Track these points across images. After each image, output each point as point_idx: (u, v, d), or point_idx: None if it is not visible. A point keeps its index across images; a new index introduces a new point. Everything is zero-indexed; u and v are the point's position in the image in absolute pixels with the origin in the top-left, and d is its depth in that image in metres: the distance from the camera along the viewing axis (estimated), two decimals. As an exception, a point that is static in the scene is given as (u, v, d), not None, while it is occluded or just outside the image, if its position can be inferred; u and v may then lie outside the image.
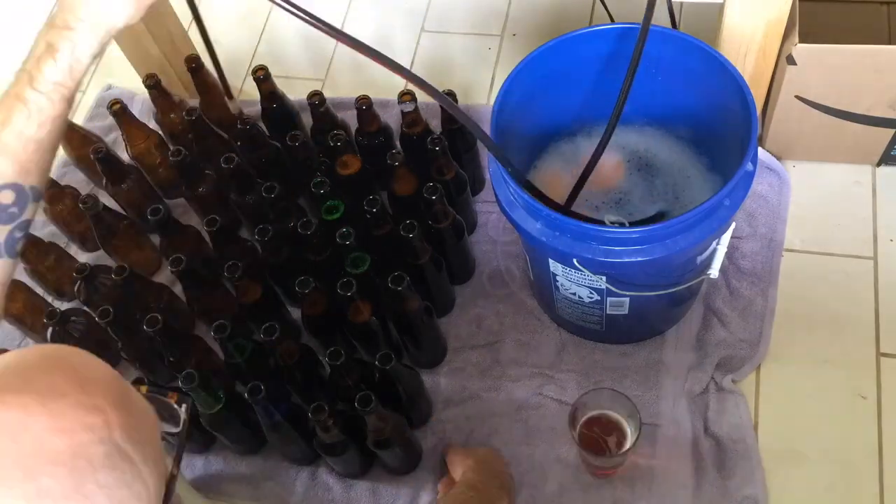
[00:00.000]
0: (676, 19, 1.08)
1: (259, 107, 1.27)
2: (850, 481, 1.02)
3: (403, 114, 1.15)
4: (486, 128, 0.88)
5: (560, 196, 0.95)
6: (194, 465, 1.13)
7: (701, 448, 1.04)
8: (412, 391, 1.05)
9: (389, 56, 0.74)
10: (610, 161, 1.06)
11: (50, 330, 1.13)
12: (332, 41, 1.50)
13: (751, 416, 1.06)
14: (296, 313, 1.16)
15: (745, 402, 1.07)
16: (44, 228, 1.36)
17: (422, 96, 1.19)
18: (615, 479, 1.04)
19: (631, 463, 1.04)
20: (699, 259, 0.94)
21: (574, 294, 1.00)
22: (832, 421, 1.05)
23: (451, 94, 1.13)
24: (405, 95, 1.13)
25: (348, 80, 1.46)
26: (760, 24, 1.02)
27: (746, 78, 0.89)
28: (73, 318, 1.14)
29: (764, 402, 1.08)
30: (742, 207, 0.94)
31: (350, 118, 1.24)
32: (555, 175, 1.01)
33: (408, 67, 1.46)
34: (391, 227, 1.08)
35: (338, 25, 1.53)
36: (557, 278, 0.98)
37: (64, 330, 1.12)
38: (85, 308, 1.17)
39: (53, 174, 1.42)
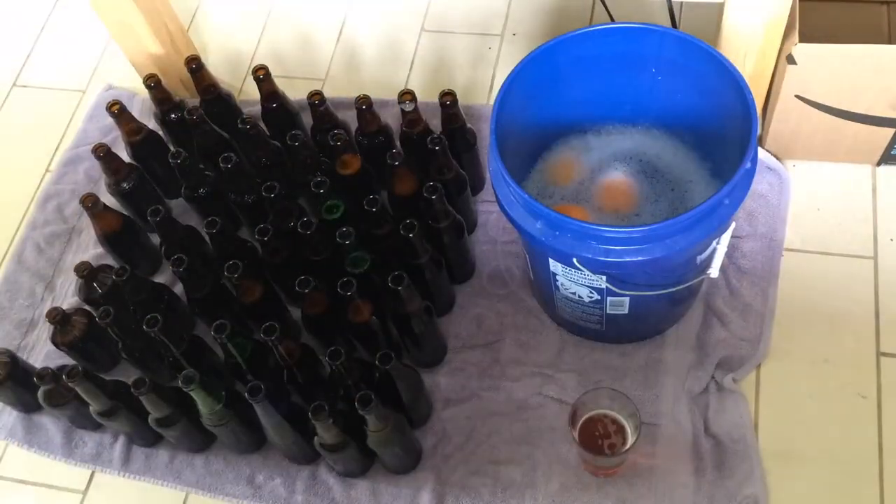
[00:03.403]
0: (676, 19, 1.08)
1: (259, 107, 1.27)
2: (850, 481, 1.02)
3: (403, 113, 1.15)
4: (486, 127, 0.88)
5: (572, 182, 0.93)
6: (194, 465, 1.14)
7: (701, 447, 1.04)
8: (412, 391, 1.05)
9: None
10: (621, 184, 1.05)
11: (50, 329, 1.13)
12: (332, 41, 1.51)
13: (751, 416, 1.06)
14: (296, 313, 1.16)
15: (745, 401, 1.07)
16: (44, 228, 1.36)
17: (422, 96, 1.19)
18: (615, 479, 1.04)
19: (631, 463, 1.04)
20: (699, 259, 0.94)
21: (574, 294, 1.00)
22: (832, 421, 1.05)
23: (451, 93, 1.13)
24: (405, 95, 1.13)
25: (348, 80, 1.46)
26: (760, 24, 1.02)
27: (746, 78, 0.89)
28: (73, 317, 1.14)
29: (764, 402, 1.08)
30: (742, 207, 0.94)
31: (350, 118, 1.23)
32: (566, 162, 1.00)
33: (408, 67, 1.47)
34: (391, 226, 1.08)
35: (338, 26, 1.54)
36: (557, 278, 0.98)
37: (64, 330, 1.13)
38: (85, 308, 1.17)
39: (53, 174, 1.42)
